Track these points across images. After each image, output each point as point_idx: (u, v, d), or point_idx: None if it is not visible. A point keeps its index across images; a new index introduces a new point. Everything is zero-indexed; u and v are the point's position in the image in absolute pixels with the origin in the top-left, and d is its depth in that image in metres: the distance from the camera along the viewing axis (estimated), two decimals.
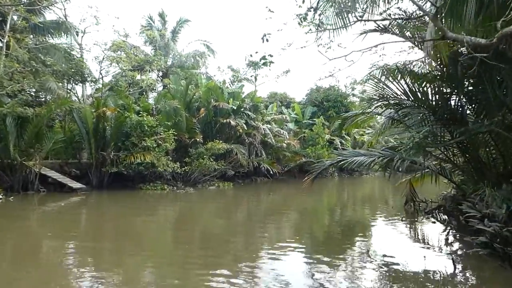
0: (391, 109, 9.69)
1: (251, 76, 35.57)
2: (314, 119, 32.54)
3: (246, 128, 23.70)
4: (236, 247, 8.86)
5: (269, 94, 39.80)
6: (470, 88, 8.58)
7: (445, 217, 10.96)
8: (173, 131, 19.65)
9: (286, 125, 30.74)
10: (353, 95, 37.69)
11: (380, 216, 13.57)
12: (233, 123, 22.85)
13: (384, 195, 22.85)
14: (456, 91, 8.40)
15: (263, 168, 24.90)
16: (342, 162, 10.78)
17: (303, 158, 28.54)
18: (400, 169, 10.05)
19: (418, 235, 10.38)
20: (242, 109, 24.54)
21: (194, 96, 23.81)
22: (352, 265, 7.15)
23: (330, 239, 10.11)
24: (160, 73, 31.36)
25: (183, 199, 17.69)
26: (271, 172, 25.06)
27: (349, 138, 33.95)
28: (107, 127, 19.73)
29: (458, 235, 9.46)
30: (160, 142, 19.10)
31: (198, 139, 21.32)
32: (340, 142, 32.09)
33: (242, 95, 26.70)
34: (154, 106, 21.94)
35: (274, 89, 45.80)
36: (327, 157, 29.80)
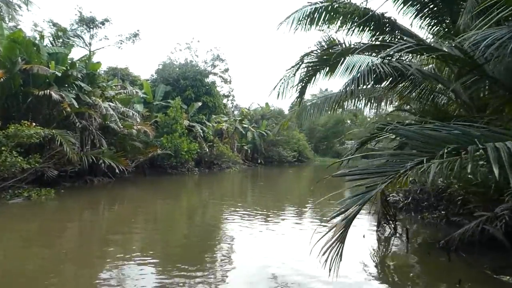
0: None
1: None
2: (169, 101, 26.23)
3: (77, 106, 15.97)
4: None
5: (107, 68, 31.48)
6: None
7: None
8: None
9: (133, 107, 23.58)
10: (214, 73, 32.45)
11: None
12: (56, 96, 14.84)
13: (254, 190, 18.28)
14: None
15: (102, 164, 17.45)
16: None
17: (158, 150, 21.92)
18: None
19: None
20: (72, 79, 16.63)
21: None
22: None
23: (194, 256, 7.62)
24: None
25: None
26: (118, 170, 17.60)
27: (210, 125, 28.59)
28: None
29: None
30: None
31: None
32: (202, 129, 26.49)
33: (70, 60, 18.42)
34: None
35: (113, 63, 37.27)
36: (186, 148, 24.10)
